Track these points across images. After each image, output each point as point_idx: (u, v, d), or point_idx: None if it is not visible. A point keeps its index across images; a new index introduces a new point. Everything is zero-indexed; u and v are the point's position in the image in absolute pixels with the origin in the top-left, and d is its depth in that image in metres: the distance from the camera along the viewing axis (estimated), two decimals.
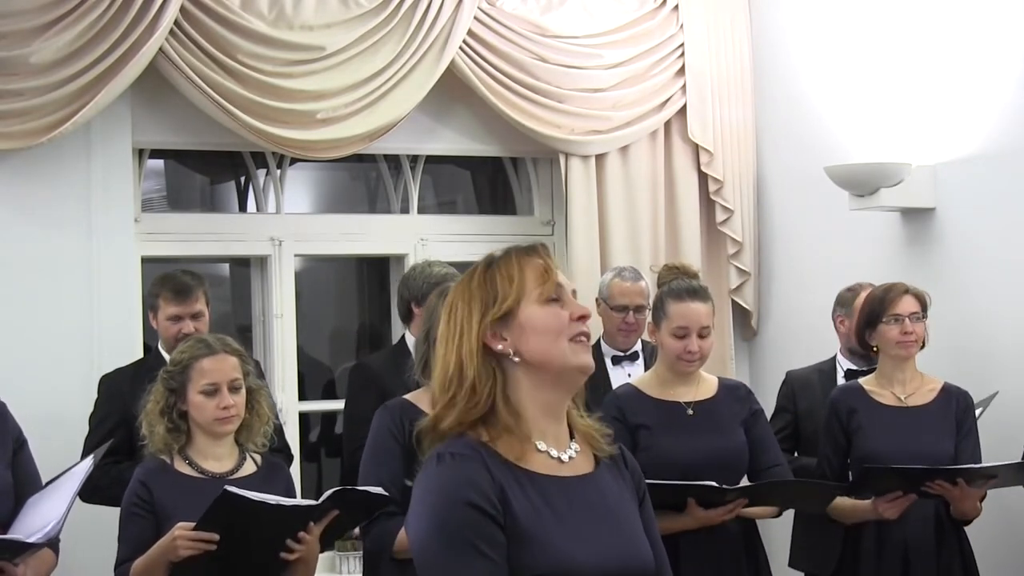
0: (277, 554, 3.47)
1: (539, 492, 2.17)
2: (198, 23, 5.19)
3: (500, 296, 2.22)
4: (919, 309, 4.30)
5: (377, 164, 6.07)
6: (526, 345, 2.21)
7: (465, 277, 2.29)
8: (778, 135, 6.23)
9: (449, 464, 2.15)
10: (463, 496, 2.11)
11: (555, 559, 2.13)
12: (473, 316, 2.22)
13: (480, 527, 2.10)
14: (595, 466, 2.29)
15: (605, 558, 2.18)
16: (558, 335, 2.21)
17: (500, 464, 2.16)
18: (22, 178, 5.06)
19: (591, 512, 2.21)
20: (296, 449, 5.35)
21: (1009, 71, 5.21)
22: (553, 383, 2.23)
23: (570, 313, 2.23)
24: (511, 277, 2.23)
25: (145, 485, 3.60)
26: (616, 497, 2.27)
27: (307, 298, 6.33)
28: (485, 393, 2.20)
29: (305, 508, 3.50)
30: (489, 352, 2.21)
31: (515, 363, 2.21)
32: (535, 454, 2.21)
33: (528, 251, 2.28)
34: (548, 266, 2.25)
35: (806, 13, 6.07)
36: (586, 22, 6.00)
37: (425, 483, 2.16)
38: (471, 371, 2.20)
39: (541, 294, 2.23)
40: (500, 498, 2.13)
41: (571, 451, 2.26)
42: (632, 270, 5.18)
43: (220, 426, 3.64)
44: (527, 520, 2.13)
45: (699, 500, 3.86)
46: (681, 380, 4.04)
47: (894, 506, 4.13)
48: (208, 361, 3.64)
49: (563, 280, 2.27)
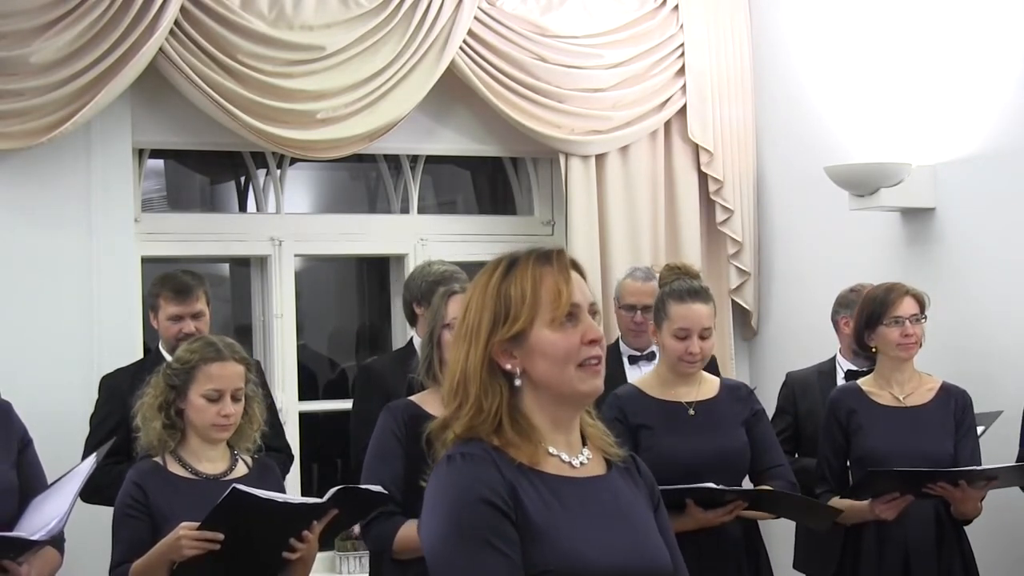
0: (279, 553, 3.47)
1: (551, 490, 2.17)
2: (198, 23, 5.19)
3: (512, 315, 2.18)
4: (919, 311, 4.29)
5: (377, 164, 6.07)
6: (534, 368, 2.19)
7: (483, 276, 2.25)
8: (778, 135, 6.23)
9: (460, 464, 2.14)
10: (476, 494, 2.11)
11: (567, 556, 2.12)
12: (483, 327, 2.20)
13: (494, 524, 2.10)
14: (608, 470, 2.28)
15: (618, 557, 2.17)
16: (567, 362, 2.18)
17: (511, 465, 2.16)
18: (22, 178, 5.06)
19: (604, 512, 2.20)
20: (296, 449, 5.35)
21: (1009, 71, 5.21)
22: (559, 403, 2.21)
23: (582, 336, 2.20)
24: (524, 295, 2.19)
25: (139, 486, 3.59)
26: (630, 500, 2.27)
27: (307, 298, 6.34)
28: (492, 410, 2.18)
29: (311, 506, 3.50)
30: (497, 366, 2.19)
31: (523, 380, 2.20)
32: (546, 457, 2.20)
33: (546, 260, 2.22)
34: (563, 284, 2.20)
35: (806, 13, 6.07)
36: (586, 22, 6.00)
37: (437, 484, 2.16)
38: (475, 387, 2.19)
39: (554, 318, 2.19)
40: (511, 496, 2.12)
41: (583, 457, 2.25)
42: (645, 270, 5.22)
43: (216, 432, 3.63)
44: (539, 517, 2.13)
45: (698, 502, 3.86)
46: (682, 380, 4.04)
47: (891, 507, 4.13)
48: (216, 367, 3.62)
49: (579, 297, 2.21)
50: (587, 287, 2.25)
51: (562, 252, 2.26)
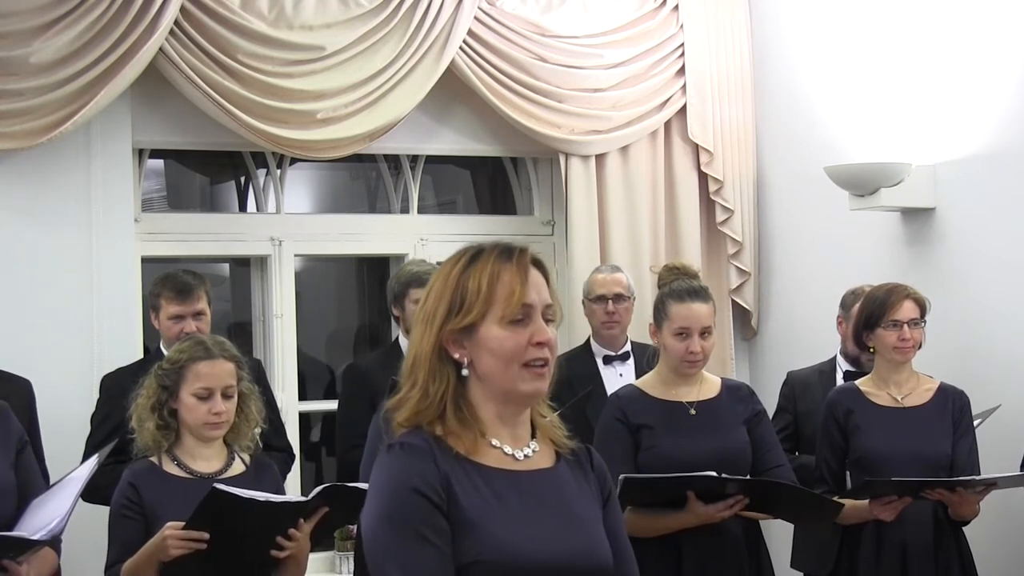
0: (268, 552, 3.46)
1: (487, 483, 2.19)
2: (198, 23, 5.19)
3: (466, 307, 2.21)
4: (919, 315, 4.28)
5: (377, 164, 6.07)
6: (480, 362, 2.21)
7: (448, 264, 2.29)
8: (778, 135, 6.23)
9: (398, 454, 2.18)
10: (410, 484, 2.14)
11: (499, 547, 2.14)
12: (438, 314, 2.23)
13: (425, 514, 2.13)
14: (555, 463, 2.29)
15: (554, 550, 2.18)
16: (511, 360, 2.20)
17: (450, 456, 2.18)
18: (22, 178, 5.06)
19: (543, 505, 2.22)
20: (296, 449, 5.35)
21: (1009, 71, 5.21)
22: (502, 399, 2.23)
23: (530, 337, 2.21)
24: (480, 288, 2.21)
25: (134, 487, 3.59)
26: (574, 493, 2.27)
27: (307, 298, 6.33)
28: (437, 398, 2.21)
29: (295, 504, 3.50)
30: (447, 354, 2.22)
31: (470, 372, 2.22)
32: (488, 449, 2.22)
33: (507, 257, 2.25)
34: (518, 283, 2.21)
35: (806, 13, 6.07)
36: (586, 22, 6.00)
37: (377, 473, 2.20)
38: (423, 371, 2.22)
39: (504, 315, 2.21)
40: (445, 488, 2.15)
41: (528, 450, 2.26)
42: (610, 266, 5.35)
43: (208, 430, 3.64)
44: (472, 509, 2.15)
45: (699, 493, 3.86)
46: (684, 380, 4.04)
47: (889, 509, 4.13)
48: (204, 365, 3.63)
49: (533, 298, 2.22)
50: (546, 289, 2.26)
51: (524, 251, 2.28)
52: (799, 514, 4.19)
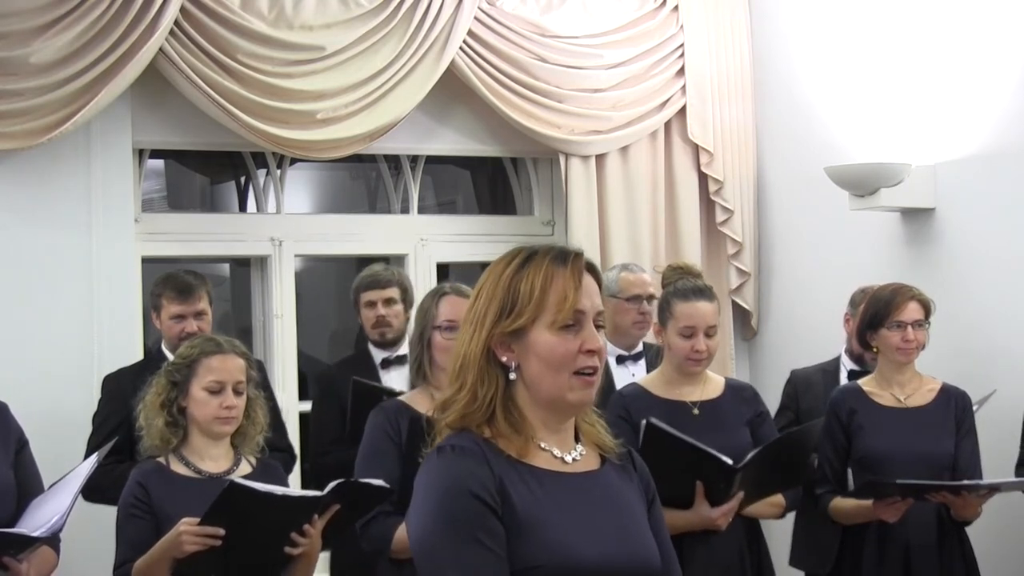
0: (282, 548, 3.46)
1: (540, 485, 2.16)
2: (198, 23, 5.18)
3: (517, 310, 2.17)
4: (923, 316, 4.27)
5: (377, 164, 6.07)
6: (528, 366, 2.18)
7: (500, 264, 2.24)
8: (778, 135, 6.23)
9: (450, 456, 2.14)
10: (464, 487, 2.10)
11: (555, 550, 2.11)
12: (488, 315, 2.19)
13: (481, 518, 2.09)
14: (601, 466, 2.27)
15: (607, 552, 2.16)
16: (561, 367, 2.17)
17: (501, 459, 2.15)
18: (22, 178, 5.05)
19: (594, 507, 2.20)
20: (296, 449, 5.35)
21: (1009, 71, 5.21)
22: (548, 407, 2.20)
23: (581, 344, 2.18)
24: (532, 292, 2.18)
25: (142, 486, 3.58)
26: (622, 495, 2.26)
27: (307, 298, 6.32)
28: (486, 401, 2.18)
29: (311, 499, 3.50)
30: (495, 357, 2.19)
31: (517, 375, 2.19)
32: (537, 451, 2.20)
33: (561, 261, 2.21)
34: (571, 289, 2.18)
35: (806, 13, 6.07)
36: (586, 22, 6.00)
37: (426, 476, 2.16)
38: (471, 375, 2.18)
39: (556, 321, 2.17)
40: (499, 491, 2.12)
41: (575, 453, 2.24)
42: (633, 265, 5.29)
43: (219, 425, 3.63)
44: (526, 512, 2.12)
45: (707, 482, 3.84)
46: (687, 380, 4.04)
47: (892, 510, 4.13)
48: (216, 359, 3.63)
49: (585, 304, 2.19)
50: (599, 295, 2.23)
51: (580, 255, 2.24)
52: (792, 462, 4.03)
